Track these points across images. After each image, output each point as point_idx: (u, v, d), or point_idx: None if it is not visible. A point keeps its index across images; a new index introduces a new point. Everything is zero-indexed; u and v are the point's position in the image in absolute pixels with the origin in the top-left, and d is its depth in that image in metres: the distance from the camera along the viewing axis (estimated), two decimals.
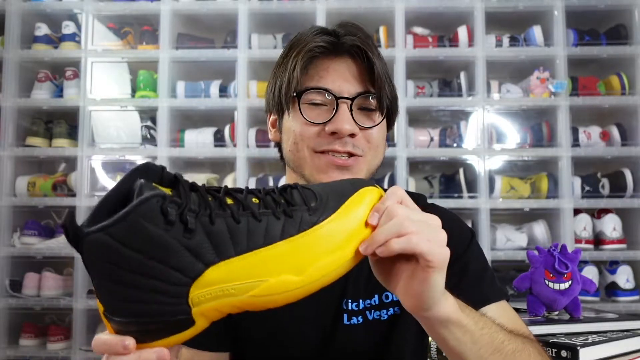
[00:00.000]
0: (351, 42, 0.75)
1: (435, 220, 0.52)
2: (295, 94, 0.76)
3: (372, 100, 0.76)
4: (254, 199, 0.48)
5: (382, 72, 0.75)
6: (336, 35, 0.76)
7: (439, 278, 0.50)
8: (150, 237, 0.42)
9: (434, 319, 0.53)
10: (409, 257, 0.50)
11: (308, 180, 0.76)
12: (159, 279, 0.43)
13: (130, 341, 0.44)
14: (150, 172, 0.46)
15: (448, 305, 0.53)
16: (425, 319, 0.54)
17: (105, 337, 0.45)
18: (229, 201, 0.46)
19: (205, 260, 0.44)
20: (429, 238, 0.49)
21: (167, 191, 0.45)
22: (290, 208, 0.47)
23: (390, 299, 0.79)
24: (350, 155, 0.75)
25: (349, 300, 0.78)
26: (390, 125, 0.83)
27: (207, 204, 0.45)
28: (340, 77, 0.75)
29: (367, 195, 0.51)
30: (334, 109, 0.74)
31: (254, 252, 0.45)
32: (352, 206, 0.49)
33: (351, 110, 0.74)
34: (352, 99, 0.74)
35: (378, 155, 0.79)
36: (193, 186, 0.46)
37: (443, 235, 0.51)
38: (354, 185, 0.51)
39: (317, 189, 0.51)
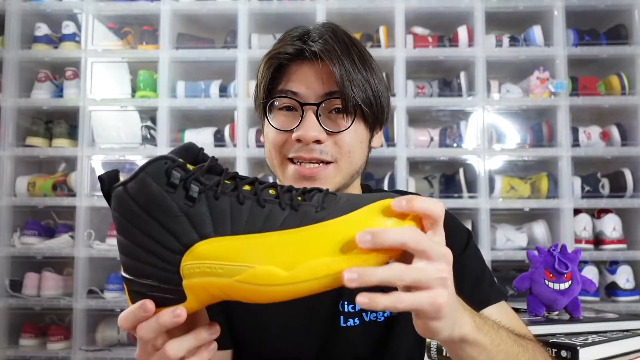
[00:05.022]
0: (314, 47, 0.72)
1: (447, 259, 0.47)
2: (263, 102, 0.76)
3: (340, 104, 0.73)
4: (271, 191, 0.48)
5: (346, 75, 0.71)
6: (305, 40, 0.74)
7: (445, 319, 0.47)
8: (153, 196, 0.45)
9: (449, 341, 0.51)
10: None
11: None
12: (156, 240, 0.45)
13: (149, 304, 0.47)
14: (189, 151, 0.49)
15: (464, 326, 0.50)
16: (439, 340, 0.52)
17: (128, 308, 0.48)
18: (247, 187, 0.48)
19: (202, 232, 0.45)
20: (434, 295, 0.45)
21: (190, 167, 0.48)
22: (298, 202, 0.47)
23: None
24: (320, 162, 0.73)
25: (345, 302, 0.78)
26: (374, 126, 0.79)
27: (220, 183, 0.47)
28: (307, 81, 0.73)
29: (389, 206, 0.45)
30: (301, 115, 0.72)
31: (248, 236, 0.45)
32: (367, 214, 0.45)
33: (318, 115, 0.72)
34: (318, 105, 0.72)
35: (354, 159, 0.75)
36: (218, 168, 0.48)
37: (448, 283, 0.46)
38: (383, 196, 0.47)
39: (343, 195, 0.48)
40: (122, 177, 0.48)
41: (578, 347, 0.79)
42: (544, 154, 2.15)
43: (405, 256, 0.45)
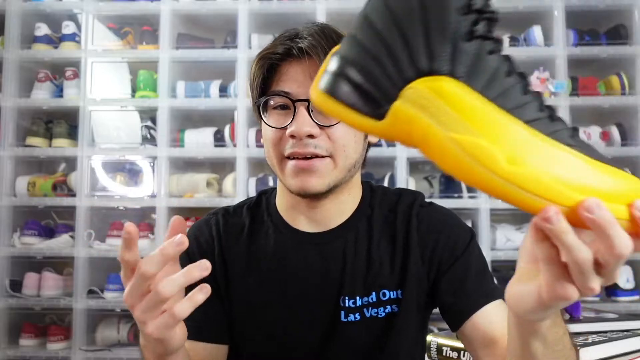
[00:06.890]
0: (301, 44, 0.74)
1: None
2: (256, 102, 0.77)
3: None
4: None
5: None
6: (293, 39, 0.76)
7: None
8: (441, 3, 0.40)
9: (549, 315, 0.50)
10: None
11: (285, 185, 0.77)
12: (408, 46, 0.41)
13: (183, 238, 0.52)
14: None
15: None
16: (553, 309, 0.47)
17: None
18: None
19: (454, 69, 0.40)
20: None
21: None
22: (557, 116, 0.41)
23: (387, 297, 0.79)
24: (315, 156, 0.74)
25: (346, 298, 0.79)
26: None
27: (500, 44, 0.42)
28: (297, 79, 0.74)
29: None
30: (293, 112, 0.74)
31: (495, 106, 0.40)
32: (621, 174, 0.40)
33: (310, 111, 0.73)
34: (309, 100, 0.73)
35: (349, 153, 0.76)
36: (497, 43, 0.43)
37: None
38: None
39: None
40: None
41: (578, 347, 0.79)
42: None
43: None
